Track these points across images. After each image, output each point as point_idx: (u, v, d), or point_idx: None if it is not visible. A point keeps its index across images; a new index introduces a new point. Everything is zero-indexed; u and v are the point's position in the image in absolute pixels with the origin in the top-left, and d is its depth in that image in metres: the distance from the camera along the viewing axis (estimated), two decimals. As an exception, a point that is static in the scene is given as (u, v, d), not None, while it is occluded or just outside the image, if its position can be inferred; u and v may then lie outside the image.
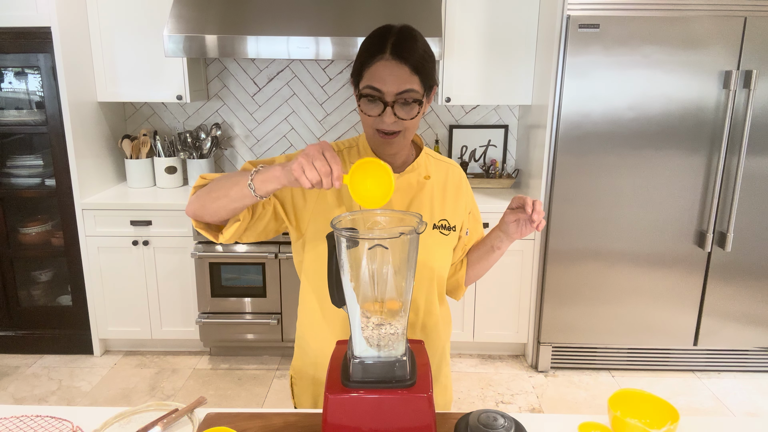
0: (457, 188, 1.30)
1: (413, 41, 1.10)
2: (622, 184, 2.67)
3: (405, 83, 1.08)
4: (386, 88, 1.08)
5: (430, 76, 1.13)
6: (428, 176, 1.26)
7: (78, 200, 2.81)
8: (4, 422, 1.06)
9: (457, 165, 1.36)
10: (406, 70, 1.08)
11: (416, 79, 1.09)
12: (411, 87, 1.08)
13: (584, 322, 2.84)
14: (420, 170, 1.25)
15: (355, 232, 0.92)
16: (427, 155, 1.30)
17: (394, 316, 0.96)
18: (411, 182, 1.24)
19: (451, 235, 1.27)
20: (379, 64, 1.08)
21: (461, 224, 1.30)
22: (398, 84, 1.07)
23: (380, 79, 1.08)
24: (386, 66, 1.08)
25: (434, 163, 1.30)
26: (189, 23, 2.62)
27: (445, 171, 1.31)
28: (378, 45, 1.09)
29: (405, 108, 1.10)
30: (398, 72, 1.07)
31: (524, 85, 2.93)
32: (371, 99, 1.10)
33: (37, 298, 3.12)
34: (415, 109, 1.11)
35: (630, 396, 1.06)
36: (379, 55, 1.08)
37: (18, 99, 2.92)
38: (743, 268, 2.74)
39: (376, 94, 1.09)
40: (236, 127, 3.33)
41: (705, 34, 2.50)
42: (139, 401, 2.64)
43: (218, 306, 2.88)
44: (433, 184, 1.26)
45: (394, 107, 1.09)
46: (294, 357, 1.34)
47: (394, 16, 2.67)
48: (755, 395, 2.72)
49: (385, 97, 1.08)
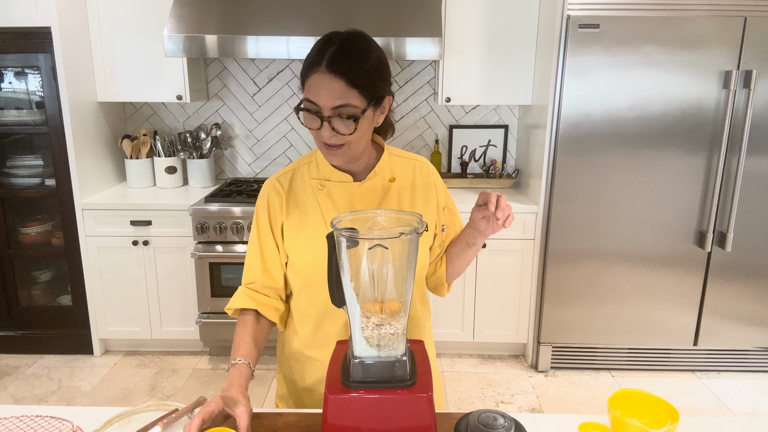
0: (426, 185, 1.26)
1: (355, 52, 1.05)
2: (622, 184, 2.67)
3: (339, 98, 1.03)
4: (321, 102, 1.04)
5: (375, 88, 1.07)
6: (393, 178, 1.22)
7: (78, 200, 2.81)
8: (4, 422, 1.06)
9: (425, 161, 1.30)
10: (341, 83, 1.03)
11: (354, 93, 1.04)
12: (346, 102, 1.03)
13: (584, 322, 2.84)
14: (384, 173, 1.22)
15: (355, 232, 0.92)
16: (391, 155, 1.26)
17: (394, 316, 0.96)
18: (375, 187, 1.21)
19: (425, 235, 1.23)
20: (315, 77, 1.05)
21: (434, 222, 1.26)
22: (332, 99, 1.03)
23: (315, 92, 1.05)
24: (321, 79, 1.04)
25: (399, 162, 1.26)
26: (189, 23, 2.62)
27: (412, 169, 1.26)
28: (316, 56, 1.06)
29: (343, 122, 1.05)
30: (333, 86, 1.03)
31: (524, 85, 2.93)
32: (310, 112, 1.07)
33: (37, 298, 3.12)
34: (352, 125, 1.05)
35: (630, 396, 1.06)
36: (315, 67, 1.05)
37: (18, 99, 2.92)
38: (743, 268, 2.74)
39: (312, 108, 1.06)
40: (236, 127, 3.33)
41: (705, 34, 2.50)
42: (139, 401, 2.64)
43: (218, 306, 2.88)
44: (400, 186, 1.23)
45: (331, 122, 1.05)
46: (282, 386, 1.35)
47: (394, 16, 2.68)
48: (755, 395, 2.72)
49: (322, 112, 1.05)
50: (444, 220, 1.29)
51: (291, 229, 1.20)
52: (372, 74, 1.06)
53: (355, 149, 1.12)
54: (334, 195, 1.20)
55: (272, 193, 1.23)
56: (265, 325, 1.22)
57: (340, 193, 1.20)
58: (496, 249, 2.85)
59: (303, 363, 1.26)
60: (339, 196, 1.20)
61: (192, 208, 2.77)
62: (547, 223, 2.75)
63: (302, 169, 1.24)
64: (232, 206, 2.77)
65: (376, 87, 1.07)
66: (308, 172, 1.23)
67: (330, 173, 1.21)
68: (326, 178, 1.21)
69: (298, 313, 1.25)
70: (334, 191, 1.20)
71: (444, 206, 1.29)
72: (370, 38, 1.11)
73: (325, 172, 1.21)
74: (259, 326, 1.20)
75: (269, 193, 1.23)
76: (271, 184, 1.24)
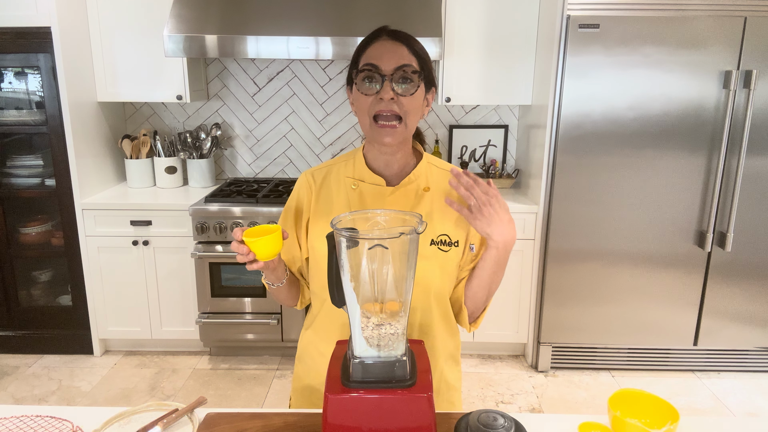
0: (460, 199, 1.19)
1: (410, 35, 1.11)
2: (622, 184, 2.67)
3: (403, 59, 1.06)
4: (384, 64, 1.05)
5: (430, 70, 1.11)
6: (428, 188, 1.19)
7: (78, 200, 2.81)
8: (4, 422, 1.06)
9: None
10: (404, 49, 1.06)
11: (415, 60, 1.07)
12: (408, 62, 1.06)
13: (584, 322, 2.84)
14: (419, 181, 1.19)
15: (355, 232, 0.92)
16: (429, 164, 1.22)
17: (394, 316, 0.96)
18: (408, 195, 1.17)
19: (452, 252, 1.17)
20: (377, 44, 1.08)
21: (465, 239, 1.19)
22: (396, 59, 1.05)
23: (377, 56, 1.06)
24: (383, 44, 1.07)
25: (436, 172, 1.22)
26: (189, 23, 2.62)
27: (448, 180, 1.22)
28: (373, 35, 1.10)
29: (404, 84, 1.07)
30: (396, 49, 1.06)
31: (524, 85, 2.93)
32: (368, 77, 1.07)
33: (37, 298, 3.12)
34: (414, 86, 1.07)
35: (630, 396, 1.06)
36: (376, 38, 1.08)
37: (18, 99, 2.91)
38: (743, 268, 2.74)
39: (373, 70, 1.06)
40: (236, 127, 3.33)
41: (705, 34, 2.50)
42: (139, 401, 2.64)
43: (218, 306, 2.88)
44: (433, 196, 1.18)
45: (392, 81, 1.05)
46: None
47: (394, 16, 2.68)
48: (755, 395, 2.72)
49: (382, 71, 1.05)
50: (475, 239, 1.20)
51: (316, 224, 1.19)
52: (426, 54, 1.11)
53: (409, 126, 1.11)
54: (366, 196, 1.17)
55: (304, 187, 1.22)
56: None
57: (372, 195, 1.17)
58: (496, 249, 2.84)
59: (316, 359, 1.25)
60: (370, 198, 1.17)
61: (192, 208, 2.77)
62: (547, 223, 2.75)
63: (339, 166, 1.22)
64: (232, 206, 2.77)
65: (430, 67, 1.12)
66: (344, 169, 1.21)
67: (365, 174, 1.19)
68: (361, 178, 1.19)
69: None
70: (366, 192, 1.18)
71: None
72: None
73: (360, 173, 1.19)
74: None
75: (301, 186, 1.23)
76: (305, 177, 1.23)
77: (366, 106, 1.08)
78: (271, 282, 1.16)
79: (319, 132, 3.33)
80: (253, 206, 2.77)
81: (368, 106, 1.08)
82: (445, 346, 1.23)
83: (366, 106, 1.08)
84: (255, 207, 2.77)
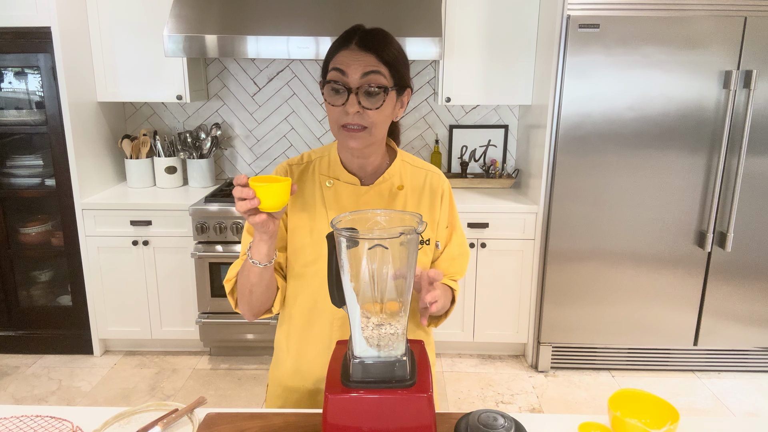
0: (433, 197, 1.22)
1: (382, 37, 1.08)
2: (622, 184, 2.67)
3: (371, 66, 1.04)
4: (350, 71, 1.04)
5: (402, 74, 1.09)
6: (401, 186, 1.20)
7: (78, 200, 2.81)
8: (4, 422, 1.06)
9: (438, 172, 1.26)
10: (372, 57, 1.05)
11: (383, 68, 1.06)
12: (377, 69, 1.05)
13: (584, 322, 2.84)
14: (393, 180, 1.20)
15: (355, 232, 0.92)
16: (403, 162, 1.23)
17: (394, 316, 0.96)
18: (382, 193, 1.19)
19: (425, 249, 1.20)
20: (344, 53, 1.06)
21: (435, 238, 1.22)
22: (363, 66, 1.04)
23: (344, 63, 1.05)
24: (351, 53, 1.05)
25: (411, 170, 1.23)
26: (189, 23, 2.62)
27: (423, 178, 1.24)
28: (343, 39, 1.08)
29: (370, 98, 1.05)
30: (364, 58, 1.05)
31: (524, 85, 2.93)
32: (335, 87, 1.06)
33: (37, 298, 3.12)
34: (380, 99, 1.06)
35: (630, 396, 1.06)
36: (345, 45, 1.07)
37: (18, 99, 2.91)
38: (743, 268, 2.74)
39: (339, 78, 1.05)
40: (236, 127, 3.33)
41: (705, 34, 2.50)
42: (139, 401, 2.64)
43: (218, 306, 2.88)
44: (407, 194, 1.20)
45: (358, 94, 1.05)
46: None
47: (394, 16, 2.68)
48: (755, 395, 2.72)
49: (349, 82, 1.05)
50: (440, 237, 1.24)
51: (292, 218, 1.19)
52: (399, 57, 1.09)
53: (375, 134, 1.10)
54: (341, 195, 1.18)
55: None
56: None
57: (347, 194, 1.19)
58: (496, 249, 2.85)
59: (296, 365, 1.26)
60: (345, 196, 1.18)
61: (192, 208, 2.77)
62: (547, 223, 2.75)
63: (314, 163, 1.22)
64: (232, 206, 2.77)
65: (402, 71, 1.10)
66: (319, 166, 1.22)
67: (339, 173, 1.19)
68: (335, 176, 1.19)
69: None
70: (341, 191, 1.19)
71: (447, 225, 1.25)
72: (390, 34, 1.13)
73: (335, 170, 1.20)
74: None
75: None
76: (284, 169, 1.23)
77: (333, 116, 1.09)
78: (259, 261, 1.05)
79: (319, 132, 3.33)
80: (253, 206, 2.77)
81: (335, 116, 1.09)
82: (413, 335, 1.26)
83: (333, 116, 1.09)
84: (255, 207, 2.77)
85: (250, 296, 1.13)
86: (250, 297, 1.13)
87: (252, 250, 1.06)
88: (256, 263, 1.06)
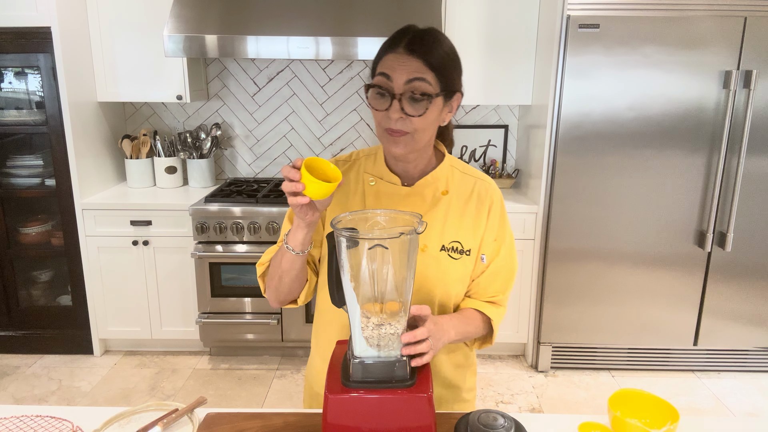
0: (480, 207, 1.17)
1: (433, 40, 1.05)
2: (622, 184, 2.67)
3: (415, 72, 1.02)
4: (395, 76, 1.02)
5: (450, 79, 1.06)
6: (446, 191, 1.16)
7: (78, 200, 2.81)
8: (4, 422, 1.06)
9: (490, 183, 1.20)
10: (419, 62, 1.02)
11: (430, 74, 1.03)
12: (422, 76, 1.02)
13: (584, 322, 2.84)
14: (437, 184, 1.16)
15: (355, 232, 0.92)
16: (452, 167, 1.19)
17: (394, 316, 0.96)
18: (425, 196, 1.15)
19: (464, 260, 1.14)
20: (391, 56, 1.04)
21: (478, 248, 1.16)
22: (408, 72, 1.02)
23: (390, 67, 1.03)
24: (398, 57, 1.03)
25: (459, 176, 1.19)
26: (189, 23, 2.62)
27: (471, 187, 1.18)
28: (393, 41, 1.06)
29: (413, 104, 1.03)
30: (410, 62, 1.02)
31: (524, 85, 2.93)
32: (380, 92, 1.04)
33: (37, 298, 3.12)
34: (423, 106, 1.03)
35: (630, 396, 1.06)
36: (393, 48, 1.04)
37: (18, 99, 2.92)
38: (743, 268, 2.74)
39: (384, 83, 1.03)
40: (236, 127, 3.33)
41: (705, 34, 2.50)
42: (139, 401, 2.64)
43: (218, 306, 2.88)
44: (451, 200, 1.16)
45: (401, 101, 1.03)
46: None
47: (394, 16, 2.68)
48: (755, 395, 2.72)
49: (393, 88, 1.03)
50: (486, 249, 1.17)
51: (331, 215, 1.17)
52: (447, 62, 1.06)
53: (419, 140, 1.07)
54: (382, 194, 1.16)
55: None
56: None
57: (389, 194, 1.16)
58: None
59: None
60: (386, 196, 1.16)
61: (192, 208, 2.77)
62: (547, 223, 2.75)
63: (361, 161, 1.21)
64: (232, 206, 2.77)
65: (451, 76, 1.07)
66: (365, 165, 1.20)
67: (383, 171, 1.17)
68: (379, 175, 1.17)
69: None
70: (383, 191, 1.16)
71: (495, 238, 1.18)
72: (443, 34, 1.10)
73: (379, 170, 1.18)
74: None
75: None
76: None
77: (377, 119, 1.08)
78: (294, 248, 1.04)
79: (319, 132, 3.33)
80: (253, 206, 2.77)
81: (379, 119, 1.07)
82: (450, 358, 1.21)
83: (377, 119, 1.08)
84: (255, 207, 2.77)
85: (279, 282, 1.13)
86: (279, 283, 1.13)
87: (289, 236, 1.05)
88: (291, 249, 1.05)
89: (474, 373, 1.30)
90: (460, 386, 1.25)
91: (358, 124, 3.31)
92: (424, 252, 1.13)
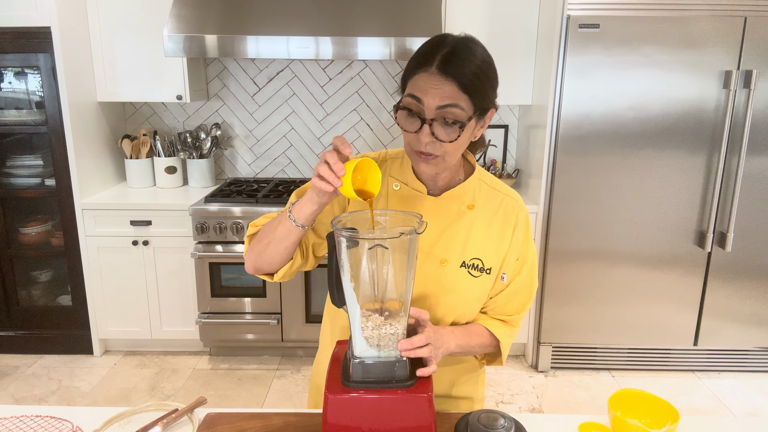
0: (505, 225, 1.14)
1: (468, 56, 0.99)
2: (622, 184, 2.67)
3: (448, 98, 0.96)
4: (427, 100, 0.96)
5: (484, 97, 1.00)
6: (472, 205, 1.12)
7: (78, 200, 2.81)
8: (4, 422, 1.06)
9: (517, 200, 1.16)
10: (453, 86, 0.96)
11: (464, 98, 0.97)
12: (455, 102, 0.96)
13: (584, 322, 2.84)
14: (464, 197, 1.12)
15: (355, 232, 0.92)
16: (480, 181, 1.15)
17: (394, 316, 0.96)
18: (450, 209, 1.12)
19: (483, 278, 1.12)
20: (423, 75, 0.97)
21: (499, 267, 1.14)
22: (441, 98, 0.96)
23: (422, 90, 0.97)
24: (430, 78, 0.97)
25: (486, 191, 1.15)
26: (189, 23, 2.62)
27: (498, 203, 1.14)
28: (426, 56, 0.99)
29: (445, 129, 0.97)
30: (443, 86, 0.96)
31: (524, 85, 2.93)
32: (410, 113, 0.99)
33: (37, 298, 3.12)
34: (456, 132, 0.97)
35: (630, 396, 1.06)
36: (426, 66, 0.97)
37: (18, 99, 2.92)
38: (743, 268, 2.74)
39: (415, 106, 0.98)
40: (236, 127, 3.33)
41: (705, 34, 2.50)
42: (139, 401, 2.63)
43: (218, 306, 2.88)
44: (476, 216, 1.12)
45: (432, 125, 0.97)
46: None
47: (394, 16, 2.67)
48: (755, 395, 2.72)
49: (424, 112, 0.97)
50: (508, 269, 1.15)
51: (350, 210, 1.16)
52: (484, 82, 1.00)
53: (449, 161, 1.03)
54: (406, 200, 1.13)
55: None
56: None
57: (413, 200, 1.13)
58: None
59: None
60: (410, 202, 1.13)
61: (192, 208, 2.77)
62: (547, 223, 2.75)
63: (388, 163, 1.17)
64: (232, 206, 2.77)
65: (486, 96, 1.01)
66: (390, 168, 1.16)
67: (408, 178, 1.14)
68: (404, 181, 1.14)
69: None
70: (407, 196, 1.13)
71: (517, 257, 1.16)
72: (482, 44, 1.05)
73: (405, 176, 1.14)
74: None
75: None
76: None
77: (407, 139, 1.04)
78: (296, 219, 1.01)
79: (319, 132, 3.33)
80: (253, 206, 2.77)
81: (408, 140, 1.03)
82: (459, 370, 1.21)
83: (407, 139, 1.04)
84: (255, 207, 2.77)
85: (265, 248, 1.08)
86: (264, 248, 1.08)
87: (295, 206, 1.01)
88: (293, 220, 1.01)
89: (483, 382, 1.30)
90: (472, 397, 1.26)
91: (358, 124, 3.31)
92: (443, 266, 1.11)
